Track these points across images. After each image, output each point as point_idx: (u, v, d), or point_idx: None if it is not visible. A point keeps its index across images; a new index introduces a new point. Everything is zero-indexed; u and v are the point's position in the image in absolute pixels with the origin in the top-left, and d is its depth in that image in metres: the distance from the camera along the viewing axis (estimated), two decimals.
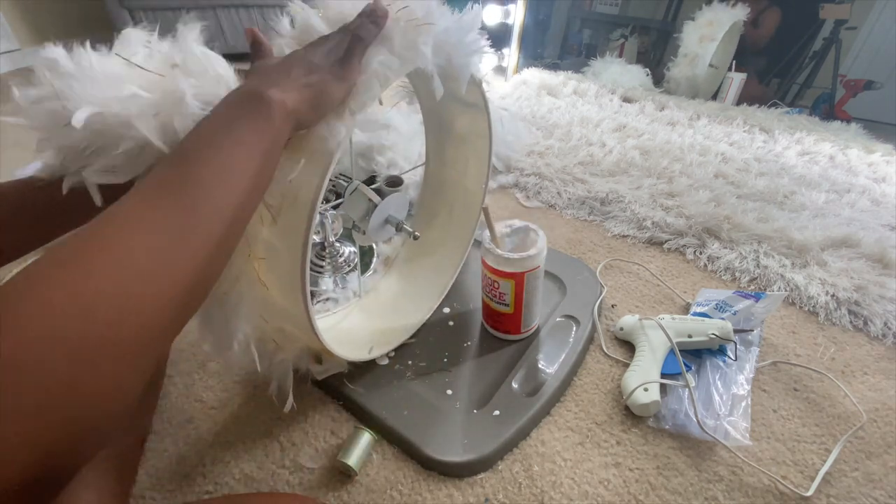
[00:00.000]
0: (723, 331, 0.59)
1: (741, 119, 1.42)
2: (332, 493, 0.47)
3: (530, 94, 1.61)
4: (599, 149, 1.20)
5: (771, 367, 0.62)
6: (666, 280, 0.77)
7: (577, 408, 0.56)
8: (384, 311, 0.66)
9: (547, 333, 0.63)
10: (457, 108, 0.63)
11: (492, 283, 0.57)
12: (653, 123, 1.40)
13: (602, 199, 0.98)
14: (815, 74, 1.78)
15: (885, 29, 1.78)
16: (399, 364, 0.59)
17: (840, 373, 0.61)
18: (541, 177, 1.07)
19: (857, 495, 0.48)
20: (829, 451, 0.51)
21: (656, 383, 0.54)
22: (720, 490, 0.48)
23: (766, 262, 0.80)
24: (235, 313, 0.40)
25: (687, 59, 1.70)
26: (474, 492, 0.47)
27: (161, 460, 0.50)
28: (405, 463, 0.50)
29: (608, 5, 2.34)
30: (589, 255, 0.83)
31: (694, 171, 1.10)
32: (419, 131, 1.04)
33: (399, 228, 0.56)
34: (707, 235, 0.87)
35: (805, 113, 1.62)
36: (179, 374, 0.59)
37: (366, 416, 0.53)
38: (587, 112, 1.45)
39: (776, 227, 0.87)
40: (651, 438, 0.52)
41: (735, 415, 0.53)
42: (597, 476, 0.49)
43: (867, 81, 1.66)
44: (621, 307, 0.71)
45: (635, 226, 0.91)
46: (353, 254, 0.75)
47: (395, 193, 0.55)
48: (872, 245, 0.82)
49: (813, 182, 1.08)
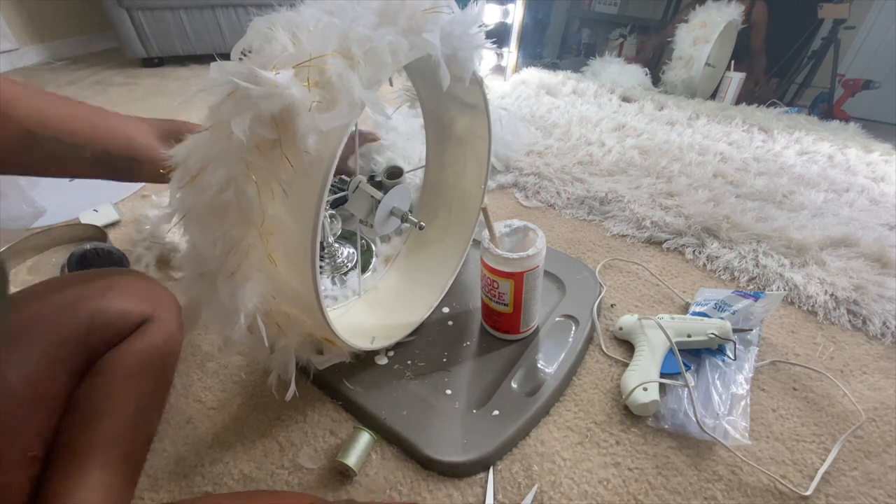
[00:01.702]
0: (722, 330, 0.59)
1: (740, 118, 1.42)
2: (332, 493, 0.47)
3: (529, 94, 1.61)
4: (598, 148, 1.20)
5: (770, 366, 0.62)
6: (665, 280, 0.77)
7: (577, 407, 0.56)
8: (384, 308, 0.66)
9: (546, 333, 0.63)
10: (457, 109, 0.63)
11: (491, 283, 0.57)
12: (652, 123, 1.40)
13: (601, 198, 0.98)
14: (813, 74, 1.78)
15: (884, 28, 1.78)
16: (398, 364, 0.59)
17: (839, 372, 0.61)
18: (540, 176, 1.07)
19: (857, 494, 0.48)
20: (828, 451, 0.51)
21: (655, 383, 0.54)
22: (719, 489, 0.48)
23: (765, 261, 0.80)
24: (243, 287, 0.40)
25: (682, 61, 1.70)
26: (474, 492, 0.47)
27: (160, 460, 0.50)
28: (404, 463, 0.50)
29: (607, 5, 2.34)
30: (588, 255, 0.84)
31: (693, 171, 1.10)
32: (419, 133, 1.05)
33: (405, 219, 0.56)
34: (706, 235, 0.87)
35: (804, 112, 1.62)
36: (178, 375, 0.59)
37: (365, 416, 0.53)
38: (586, 111, 1.45)
39: (775, 226, 0.87)
40: (650, 438, 0.52)
41: (734, 414, 0.53)
42: (596, 476, 0.49)
43: (866, 81, 1.66)
44: (620, 307, 0.71)
45: (634, 225, 0.91)
46: (352, 254, 0.75)
47: (397, 186, 0.55)
48: (871, 244, 0.82)
49: (812, 181, 1.08)
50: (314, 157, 0.37)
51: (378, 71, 0.39)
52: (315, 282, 0.41)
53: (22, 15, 1.95)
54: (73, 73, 1.87)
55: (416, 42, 0.41)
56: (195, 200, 0.39)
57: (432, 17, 0.42)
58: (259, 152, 0.37)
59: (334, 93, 0.37)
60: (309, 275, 0.40)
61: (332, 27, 0.39)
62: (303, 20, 0.39)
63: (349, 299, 0.67)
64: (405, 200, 0.57)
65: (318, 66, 0.37)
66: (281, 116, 0.36)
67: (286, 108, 0.35)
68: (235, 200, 0.37)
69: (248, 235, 0.39)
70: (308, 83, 0.37)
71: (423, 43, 0.41)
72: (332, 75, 0.37)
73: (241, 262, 0.40)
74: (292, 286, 0.44)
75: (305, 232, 0.39)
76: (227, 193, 0.37)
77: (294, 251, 0.41)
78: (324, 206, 0.38)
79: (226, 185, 0.37)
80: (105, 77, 1.82)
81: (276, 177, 0.38)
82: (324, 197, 0.38)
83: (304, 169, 0.38)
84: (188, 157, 0.39)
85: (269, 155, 0.38)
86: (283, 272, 0.43)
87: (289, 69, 0.36)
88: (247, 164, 0.37)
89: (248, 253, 0.40)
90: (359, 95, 0.37)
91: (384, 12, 0.42)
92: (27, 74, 1.87)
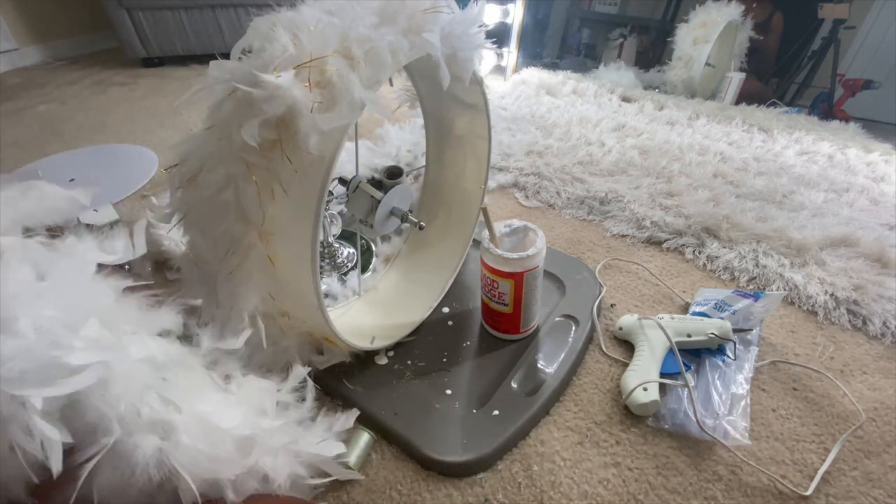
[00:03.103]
0: (722, 330, 0.59)
1: (740, 118, 1.42)
2: (332, 493, 0.47)
3: (529, 94, 1.61)
4: (598, 148, 1.20)
5: (770, 366, 0.62)
6: (665, 279, 0.77)
7: (577, 407, 0.56)
8: (385, 308, 0.66)
9: (546, 333, 0.63)
10: (457, 109, 0.63)
11: (491, 283, 0.57)
12: (652, 123, 1.40)
13: (601, 198, 0.98)
14: (813, 74, 1.78)
15: (884, 28, 1.78)
16: (398, 364, 0.59)
17: (839, 372, 0.61)
18: (540, 176, 1.07)
19: (857, 494, 0.48)
20: (828, 451, 0.51)
21: (655, 383, 0.54)
22: (719, 489, 0.48)
23: (765, 261, 0.80)
24: (243, 286, 0.40)
25: (682, 61, 1.71)
26: (473, 492, 0.47)
27: None
28: (404, 463, 0.50)
29: (607, 5, 2.34)
30: (588, 255, 0.83)
31: (693, 171, 1.10)
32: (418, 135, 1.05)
33: (405, 219, 0.56)
34: (706, 235, 0.87)
35: (804, 112, 1.62)
36: None
37: (365, 416, 0.53)
38: (586, 111, 1.45)
39: (775, 226, 0.87)
40: (650, 438, 0.52)
41: (734, 414, 0.53)
42: (596, 476, 0.49)
43: (866, 81, 1.66)
44: (620, 307, 0.71)
45: (634, 225, 0.91)
46: (352, 254, 0.75)
47: (397, 186, 0.55)
48: (871, 244, 0.82)
49: (812, 181, 1.08)
50: (315, 156, 0.37)
51: (378, 71, 0.39)
52: (316, 282, 0.41)
53: (22, 15, 1.95)
54: (73, 73, 1.86)
55: (417, 42, 0.41)
56: (195, 199, 0.39)
57: (432, 17, 0.42)
58: (259, 152, 0.37)
59: (335, 93, 0.37)
60: (309, 275, 0.40)
61: (333, 27, 0.39)
62: (303, 20, 0.39)
63: (349, 299, 0.67)
64: (405, 200, 0.57)
65: (318, 66, 0.37)
66: (282, 117, 0.36)
67: (288, 109, 0.35)
68: (235, 200, 0.38)
69: (248, 235, 0.39)
70: (309, 83, 0.37)
71: (423, 43, 0.41)
72: (333, 75, 0.37)
73: (242, 262, 0.40)
74: (292, 286, 0.44)
75: (306, 232, 0.39)
76: (227, 193, 0.37)
77: (294, 251, 0.41)
78: (324, 206, 0.38)
79: (226, 185, 0.37)
80: (105, 77, 1.82)
81: (275, 177, 0.38)
82: (324, 197, 0.38)
83: (304, 169, 0.38)
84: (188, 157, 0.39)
85: (268, 155, 0.38)
86: (283, 272, 0.43)
87: (290, 70, 0.36)
88: (247, 163, 0.37)
89: (248, 253, 0.40)
90: (359, 95, 0.37)
91: (384, 12, 0.42)
92: (27, 74, 1.87)
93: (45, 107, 1.51)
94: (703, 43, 1.63)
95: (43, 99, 1.58)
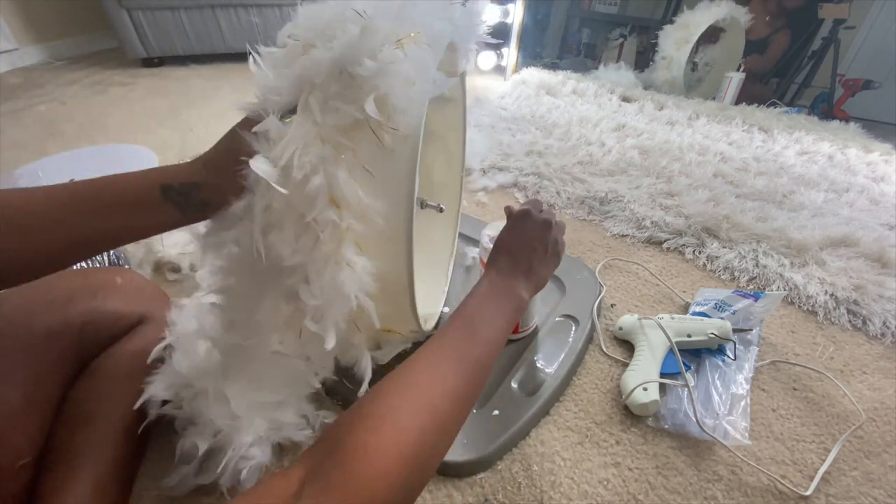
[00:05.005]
0: (722, 330, 0.59)
1: (740, 118, 1.42)
2: None
3: (529, 94, 1.61)
4: (598, 148, 1.20)
5: (770, 366, 0.62)
6: (665, 279, 0.77)
7: (577, 407, 0.56)
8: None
9: (546, 333, 0.63)
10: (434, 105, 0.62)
11: None
12: (652, 123, 1.40)
13: (601, 198, 0.98)
14: (813, 74, 1.78)
15: (884, 28, 1.78)
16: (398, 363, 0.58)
17: (839, 372, 0.61)
18: (540, 176, 1.07)
19: (856, 494, 0.48)
20: (828, 451, 0.51)
21: (655, 383, 0.54)
22: (719, 489, 0.48)
23: (765, 261, 0.80)
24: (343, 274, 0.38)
25: (665, 62, 1.72)
26: (473, 491, 0.47)
27: (159, 461, 0.50)
28: None
29: (607, 5, 2.34)
30: (588, 255, 0.83)
31: (693, 171, 1.10)
32: None
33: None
34: (706, 235, 0.87)
35: (804, 112, 1.63)
36: None
37: None
38: (586, 111, 1.45)
39: (775, 226, 0.87)
40: (650, 438, 0.52)
41: (734, 414, 0.53)
42: (596, 476, 0.49)
43: (866, 81, 1.67)
44: (620, 307, 0.71)
45: (634, 225, 0.91)
46: None
47: None
48: (871, 244, 0.82)
49: (812, 181, 1.08)
50: (399, 134, 0.37)
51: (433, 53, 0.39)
52: (410, 264, 0.40)
53: (22, 15, 1.95)
54: (73, 73, 1.86)
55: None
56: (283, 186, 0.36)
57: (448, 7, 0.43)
58: (345, 134, 0.36)
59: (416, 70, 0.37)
60: (403, 257, 0.40)
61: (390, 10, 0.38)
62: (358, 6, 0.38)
63: None
64: None
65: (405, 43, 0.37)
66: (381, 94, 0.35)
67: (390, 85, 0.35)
68: (326, 184, 0.36)
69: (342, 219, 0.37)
70: None
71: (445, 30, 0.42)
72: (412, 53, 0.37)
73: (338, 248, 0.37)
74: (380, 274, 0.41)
75: (398, 213, 0.38)
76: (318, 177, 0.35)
77: (383, 234, 0.39)
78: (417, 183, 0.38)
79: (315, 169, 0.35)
80: (105, 77, 1.82)
81: (360, 158, 0.37)
82: (416, 172, 0.37)
83: (390, 148, 0.37)
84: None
85: (352, 136, 0.36)
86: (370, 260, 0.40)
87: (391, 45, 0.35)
88: (334, 145, 0.36)
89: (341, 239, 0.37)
90: (433, 73, 0.37)
91: None
92: (27, 74, 1.87)
93: (45, 107, 1.51)
94: (684, 43, 1.64)
95: (43, 99, 1.58)
